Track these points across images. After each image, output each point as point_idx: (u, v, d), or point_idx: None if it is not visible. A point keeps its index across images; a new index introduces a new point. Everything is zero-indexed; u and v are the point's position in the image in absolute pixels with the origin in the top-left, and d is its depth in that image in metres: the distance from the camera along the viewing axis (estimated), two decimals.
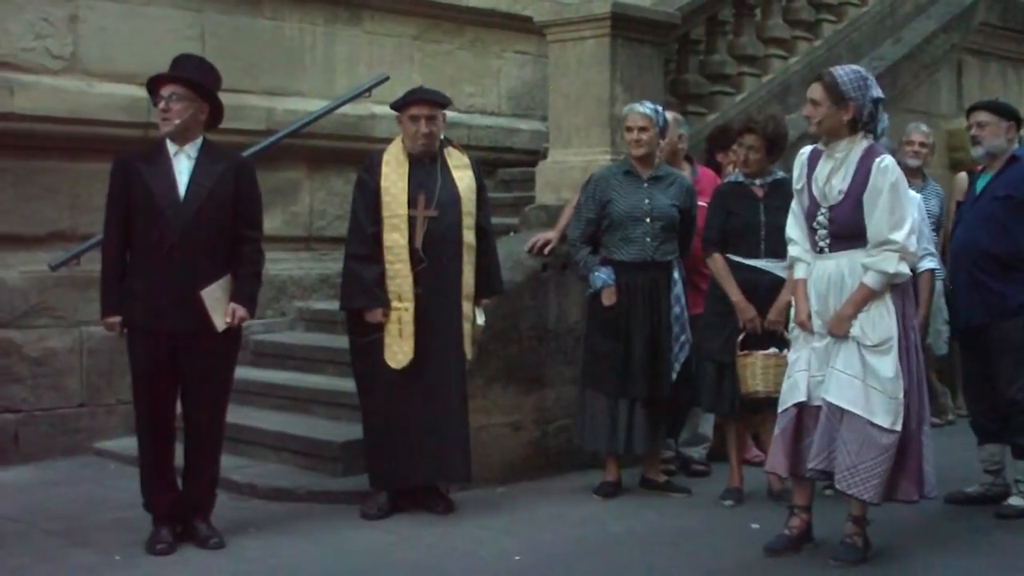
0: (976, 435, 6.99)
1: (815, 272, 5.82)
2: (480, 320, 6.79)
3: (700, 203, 7.24)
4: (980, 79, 11.53)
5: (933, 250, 7.14)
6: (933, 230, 8.07)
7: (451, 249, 6.60)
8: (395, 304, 6.50)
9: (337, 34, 9.65)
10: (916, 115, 10.13)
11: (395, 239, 6.52)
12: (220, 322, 5.94)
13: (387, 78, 9.45)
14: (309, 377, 8.27)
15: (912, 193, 7.10)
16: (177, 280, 5.87)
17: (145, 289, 5.88)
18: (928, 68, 10.90)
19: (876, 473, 5.57)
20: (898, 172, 5.67)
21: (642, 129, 6.96)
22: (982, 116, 6.88)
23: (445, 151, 6.77)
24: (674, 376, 6.97)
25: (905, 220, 5.61)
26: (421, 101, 6.69)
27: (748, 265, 6.82)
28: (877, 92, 5.75)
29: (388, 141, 9.54)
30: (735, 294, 6.76)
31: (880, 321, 5.61)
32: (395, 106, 6.78)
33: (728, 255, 6.86)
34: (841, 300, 5.68)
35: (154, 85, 6.00)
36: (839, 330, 5.66)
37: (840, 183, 5.70)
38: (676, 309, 6.99)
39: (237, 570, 5.68)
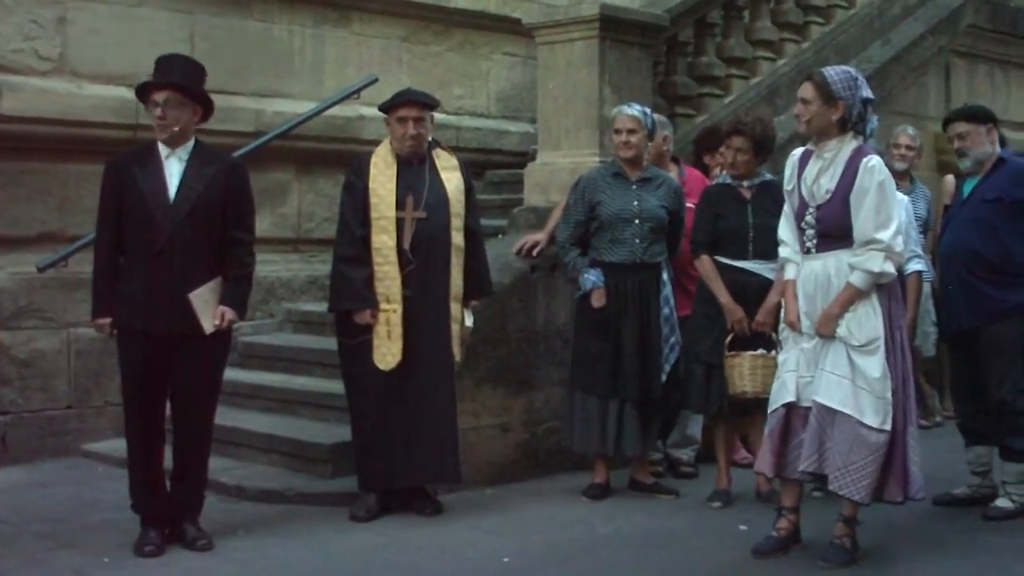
0: (964, 437, 7.01)
1: (803, 272, 5.84)
2: (468, 322, 6.79)
3: (688, 204, 7.25)
4: (968, 81, 11.57)
5: (920, 252, 7.16)
6: (921, 232, 8.08)
7: (440, 251, 6.60)
8: (383, 306, 6.50)
9: (326, 36, 9.65)
10: (904, 117, 10.15)
11: (383, 241, 6.52)
12: (208, 324, 5.94)
13: (376, 80, 9.47)
14: (297, 379, 8.27)
15: (899, 195, 7.12)
16: (168, 282, 5.86)
17: (137, 291, 5.87)
18: (916, 70, 10.92)
19: (866, 473, 5.59)
20: (886, 172, 5.68)
21: (631, 131, 6.98)
22: (961, 127, 6.87)
23: (433, 153, 6.78)
24: (664, 377, 6.98)
25: (891, 220, 5.62)
26: (409, 102, 6.68)
27: (736, 267, 6.83)
28: (867, 92, 5.78)
29: (377, 143, 9.53)
30: (723, 296, 6.77)
31: (867, 321, 5.63)
32: (383, 108, 6.79)
33: (716, 257, 6.87)
34: (828, 300, 5.70)
35: (146, 90, 5.99)
36: (826, 329, 5.68)
37: (828, 182, 5.72)
38: (665, 310, 7.01)
39: (226, 572, 5.68)
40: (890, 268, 5.62)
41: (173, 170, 5.95)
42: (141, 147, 6.17)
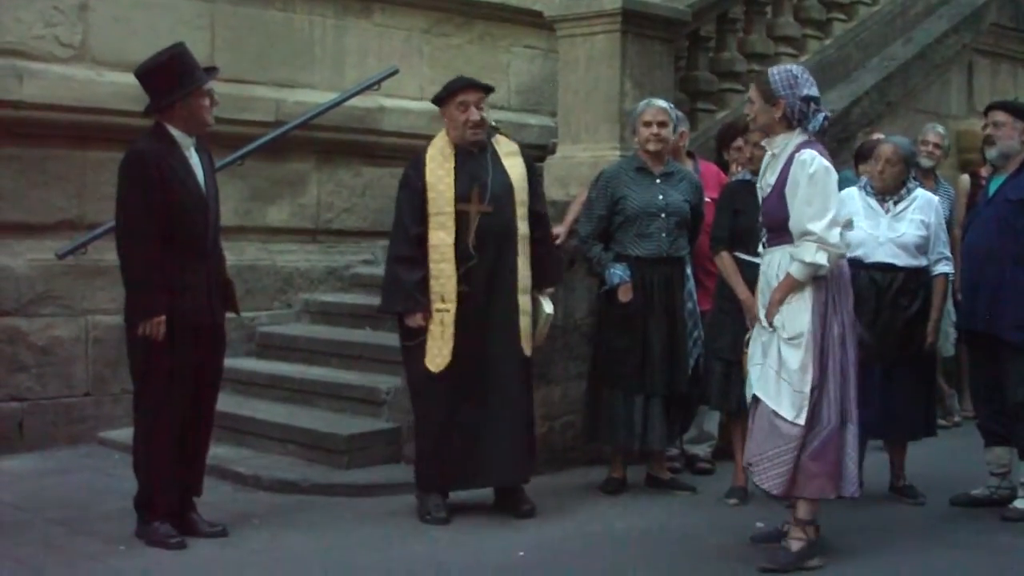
0: (983, 437, 6.95)
1: (761, 267, 5.89)
2: (548, 309, 6.61)
3: (705, 198, 7.25)
4: (991, 80, 11.52)
5: (949, 254, 7.08)
6: None
7: (505, 244, 6.42)
8: (438, 305, 6.32)
9: (347, 26, 9.64)
10: (926, 115, 10.14)
11: (441, 238, 6.33)
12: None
13: (396, 71, 9.47)
14: (314, 369, 8.27)
15: (929, 195, 7.07)
16: (216, 273, 6.03)
17: (199, 285, 5.88)
18: (939, 68, 10.88)
19: (779, 463, 5.54)
20: (819, 165, 5.50)
21: (661, 124, 6.94)
22: (999, 116, 6.82)
23: (493, 140, 6.60)
24: (689, 371, 6.99)
25: (826, 211, 5.49)
26: (469, 87, 6.50)
27: (756, 263, 6.79)
28: (808, 90, 5.64)
29: (396, 135, 9.64)
30: (743, 292, 6.72)
31: (797, 315, 5.56)
32: (438, 98, 6.56)
33: (736, 253, 6.84)
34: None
35: (202, 80, 5.99)
36: (768, 315, 5.68)
37: (771, 177, 5.72)
38: (689, 304, 7.02)
39: (241, 561, 5.68)
40: (822, 259, 5.47)
41: (194, 161, 5.97)
42: (157, 136, 5.96)
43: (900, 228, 6.84)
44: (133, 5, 8.40)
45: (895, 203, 6.89)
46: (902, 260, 6.82)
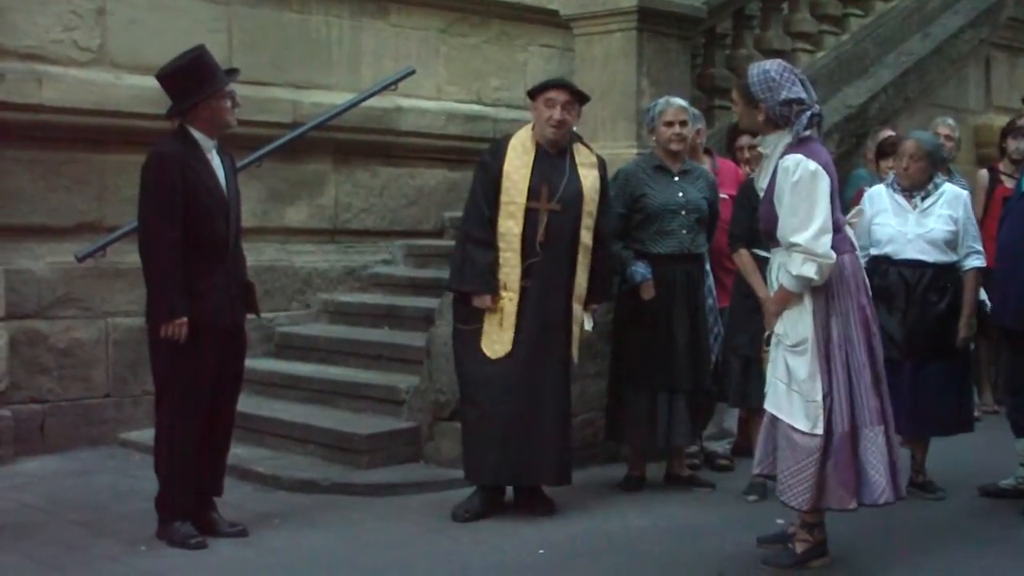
0: (1013, 428, 6.89)
1: (768, 268, 5.80)
2: (588, 325, 6.62)
3: (722, 195, 7.25)
4: (1008, 74, 11.49)
5: (979, 248, 7.01)
6: None
7: (567, 247, 6.42)
8: (501, 293, 6.34)
9: (363, 27, 9.66)
10: (944, 110, 10.10)
11: (509, 227, 6.36)
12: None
13: (413, 71, 9.49)
14: (333, 369, 8.30)
15: (957, 189, 7.01)
16: (237, 275, 6.04)
17: (218, 287, 5.89)
18: (956, 63, 10.85)
19: (803, 478, 5.39)
20: (803, 171, 5.31)
21: (683, 123, 6.95)
22: None
23: (574, 146, 6.61)
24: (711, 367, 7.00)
25: (811, 221, 5.30)
26: (561, 86, 6.55)
27: None
28: (787, 93, 5.43)
29: (414, 135, 9.66)
30: (762, 290, 6.68)
31: (798, 321, 5.44)
32: (531, 92, 6.60)
33: (754, 250, 6.83)
34: None
35: (224, 82, 6.00)
36: (767, 325, 5.61)
37: (763, 180, 5.62)
38: (709, 300, 7.06)
39: (261, 561, 5.70)
40: (809, 272, 5.31)
41: (216, 163, 5.99)
42: (180, 138, 5.96)
43: (928, 224, 6.80)
44: (150, 8, 8.44)
45: (922, 199, 6.86)
46: (931, 256, 6.78)
